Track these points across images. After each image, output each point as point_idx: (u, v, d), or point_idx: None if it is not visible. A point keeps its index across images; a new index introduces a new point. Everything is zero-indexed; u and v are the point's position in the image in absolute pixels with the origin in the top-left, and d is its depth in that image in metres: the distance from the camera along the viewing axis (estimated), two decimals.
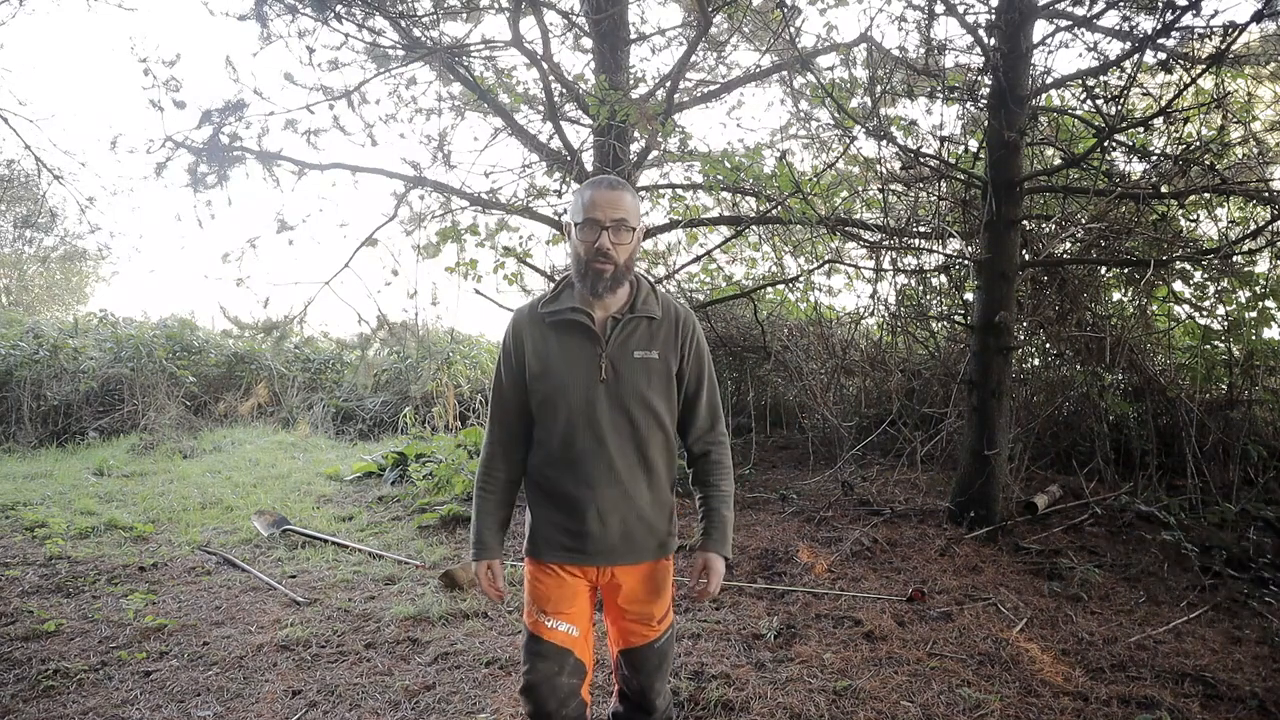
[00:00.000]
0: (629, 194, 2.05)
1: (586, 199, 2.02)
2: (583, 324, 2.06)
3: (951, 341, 7.20)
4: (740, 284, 7.96)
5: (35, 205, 15.25)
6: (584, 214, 2.00)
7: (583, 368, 2.04)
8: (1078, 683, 3.26)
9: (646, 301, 2.12)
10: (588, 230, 2.00)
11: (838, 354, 7.56)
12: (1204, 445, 5.60)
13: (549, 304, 2.12)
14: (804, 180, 6.17)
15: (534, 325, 2.11)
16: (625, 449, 2.06)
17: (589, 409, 2.04)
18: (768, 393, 8.37)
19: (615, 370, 2.05)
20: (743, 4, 5.98)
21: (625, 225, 2.01)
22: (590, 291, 2.03)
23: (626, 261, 2.04)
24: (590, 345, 2.06)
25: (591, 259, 2.00)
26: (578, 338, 2.06)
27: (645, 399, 2.06)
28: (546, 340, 2.08)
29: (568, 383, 2.04)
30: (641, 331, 2.09)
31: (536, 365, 2.08)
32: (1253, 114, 5.68)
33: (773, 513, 5.82)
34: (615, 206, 2.00)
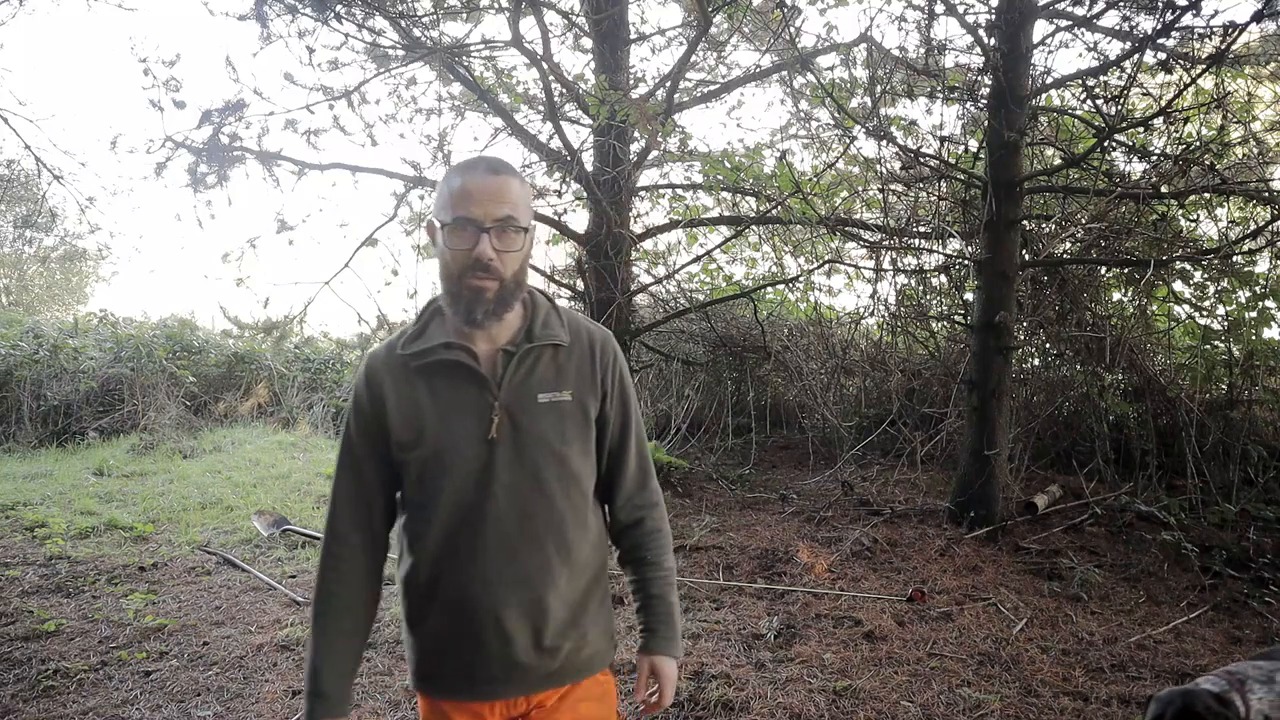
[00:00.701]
0: (515, 180, 1.49)
1: (456, 189, 1.46)
2: (463, 365, 1.50)
3: (951, 341, 7.20)
4: (740, 284, 7.96)
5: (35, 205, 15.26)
6: (453, 211, 1.45)
7: (468, 425, 1.49)
8: (1078, 683, 3.26)
9: (548, 324, 1.57)
10: (460, 234, 1.44)
11: (838, 354, 7.56)
12: (1204, 445, 5.60)
13: (413, 342, 1.54)
14: (804, 180, 6.17)
15: (395, 374, 1.53)
16: (535, 530, 1.50)
17: (481, 480, 1.49)
18: (768, 393, 8.37)
19: (513, 423, 1.50)
20: (743, 4, 5.98)
21: (513, 224, 1.46)
22: (467, 320, 1.48)
23: (516, 274, 1.49)
24: (476, 392, 1.50)
25: (467, 274, 1.45)
26: (458, 384, 1.51)
27: (559, 457, 1.52)
28: (414, 392, 1.51)
29: (448, 448, 1.48)
30: (545, 365, 1.55)
31: (403, 429, 1.50)
32: (1253, 114, 5.69)
33: (773, 513, 5.82)
34: (498, 199, 1.45)
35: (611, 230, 6.32)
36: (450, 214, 1.44)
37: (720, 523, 5.53)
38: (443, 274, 1.49)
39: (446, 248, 1.46)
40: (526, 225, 1.49)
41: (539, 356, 1.55)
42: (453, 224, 1.44)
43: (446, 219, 1.45)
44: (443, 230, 1.46)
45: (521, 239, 1.48)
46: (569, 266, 7.68)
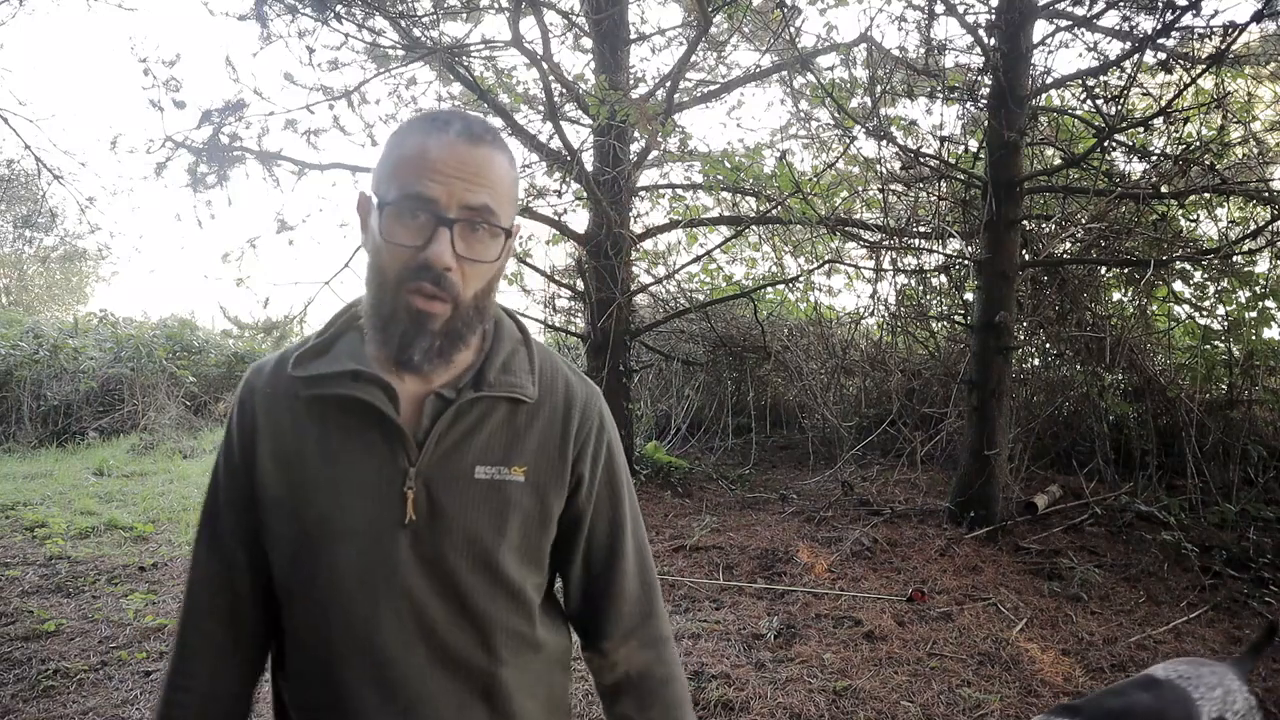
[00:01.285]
0: (502, 157, 1.03)
1: (412, 152, 0.99)
2: (373, 408, 1.03)
3: (951, 341, 7.20)
4: (740, 284, 7.96)
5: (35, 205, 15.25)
6: (402, 184, 0.98)
7: (367, 497, 1.03)
8: (1078, 683, 3.26)
9: (510, 367, 1.09)
10: (407, 221, 0.98)
11: (838, 354, 7.56)
12: (1204, 445, 5.61)
13: (311, 360, 1.08)
14: (804, 180, 6.18)
15: (278, 401, 1.08)
16: (452, 669, 1.05)
17: (375, 585, 1.02)
18: (768, 393, 8.37)
19: (432, 504, 1.03)
20: (743, 4, 5.98)
21: (488, 220, 1.00)
22: (398, 358, 1.01)
23: (480, 296, 1.03)
24: (386, 451, 1.03)
25: (406, 284, 0.99)
26: (362, 434, 1.04)
27: (490, 564, 1.05)
28: (299, 433, 1.05)
29: (333, 527, 1.02)
30: (495, 427, 1.07)
31: (275, 483, 1.05)
32: (1253, 114, 5.69)
33: (773, 513, 5.82)
34: (474, 178, 0.99)
35: (611, 230, 6.32)
36: (396, 188, 0.97)
37: (720, 523, 5.53)
38: (371, 277, 1.01)
39: (383, 239, 0.97)
40: (508, 226, 1.02)
41: (487, 413, 1.05)
42: (397, 204, 0.96)
43: (389, 195, 0.97)
44: (381, 212, 0.97)
45: (497, 246, 1.01)
46: (569, 266, 7.68)
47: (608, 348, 6.50)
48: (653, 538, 5.21)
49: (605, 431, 1.16)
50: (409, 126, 1.02)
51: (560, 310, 8.22)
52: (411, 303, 0.99)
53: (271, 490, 1.06)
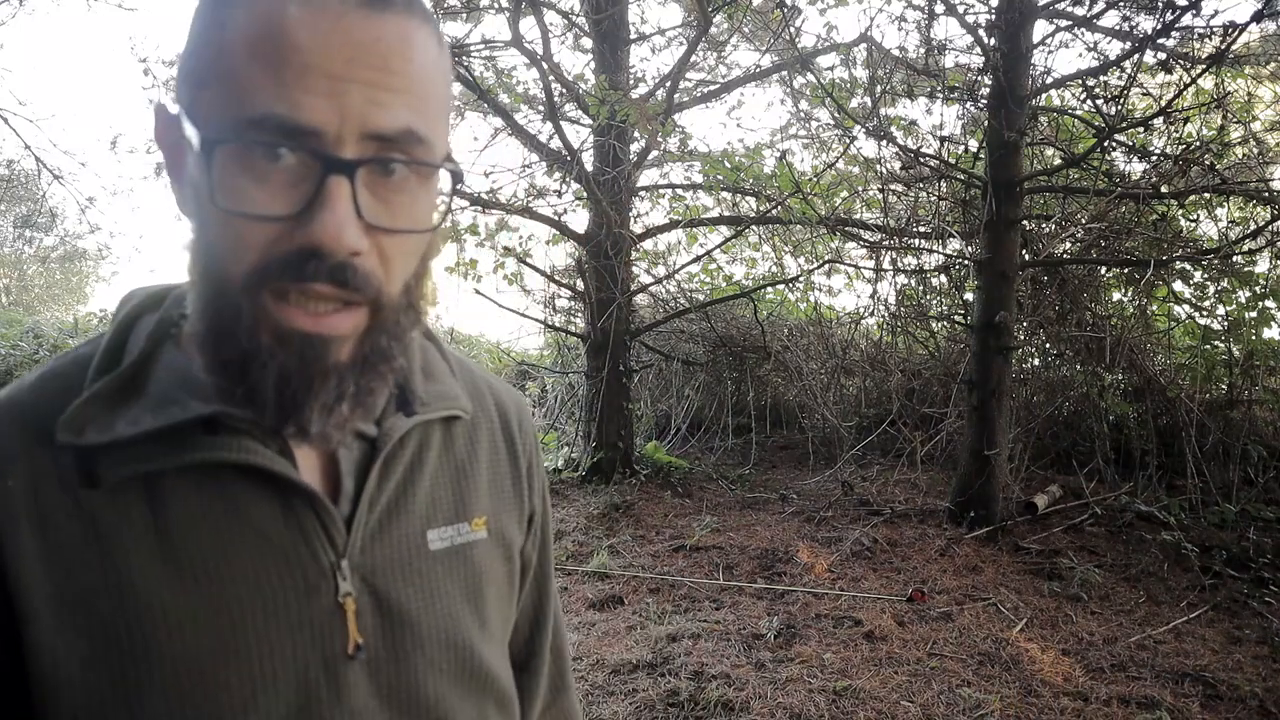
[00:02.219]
0: (422, 29, 0.57)
1: (258, 26, 0.52)
2: (259, 474, 0.60)
3: (951, 341, 7.20)
4: (740, 284, 7.97)
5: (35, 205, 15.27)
6: (245, 99, 0.52)
7: (280, 626, 0.60)
8: (1078, 683, 3.26)
9: (432, 370, 0.74)
10: (264, 170, 0.53)
11: (838, 354, 7.56)
12: (1204, 445, 5.61)
13: (109, 411, 0.59)
14: (804, 180, 6.18)
15: (49, 502, 0.57)
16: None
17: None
18: (768, 393, 8.37)
19: (386, 609, 0.64)
20: (743, 4, 5.98)
21: (413, 149, 0.56)
22: (276, 422, 0.57)
23: (411, 289, 0.62)
24: (292, 540, 0.61)
25: (273, 288, 0.55)
26: (244, 520, 0.60)
27: (483, 673, 0.70)
28: (114, 549, 0.57)
29: (233, 698, 0.58)
30: (435, 468, 0.71)
31: (75, 654, 0.56)
32: (1253, 114, 5.69)
33: (773, 513, 5.82)
34: (384, 73, 0.54)
35: (611, 230, 6.32)
36: (233, 106, 0.53)
37: (720, 523, 5.53)
38: (199, 267, 0.58)
39: (218, 205, 0.54)
40: (444, 157, 0.61)
41: (422, 447, 0.70)
42: (240, 139, 0.53)
43: (221, 121, 0.54)
44: (207, 154, 0.53)
45: (430, 197, 0.60)
46: (569, 266, 7.68)
47: (608, 348, 6.50)
48: (653, 538, 5.22)
49: (538, 444, 0.84)
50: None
51: (560, 310, 8.22)
52: (288, 322, 0.55)
53: (85, 688, 0.56)
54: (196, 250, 0.57)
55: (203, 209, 0.55)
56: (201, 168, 0.54)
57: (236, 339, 0.55)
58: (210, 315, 0.56)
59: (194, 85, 0.56)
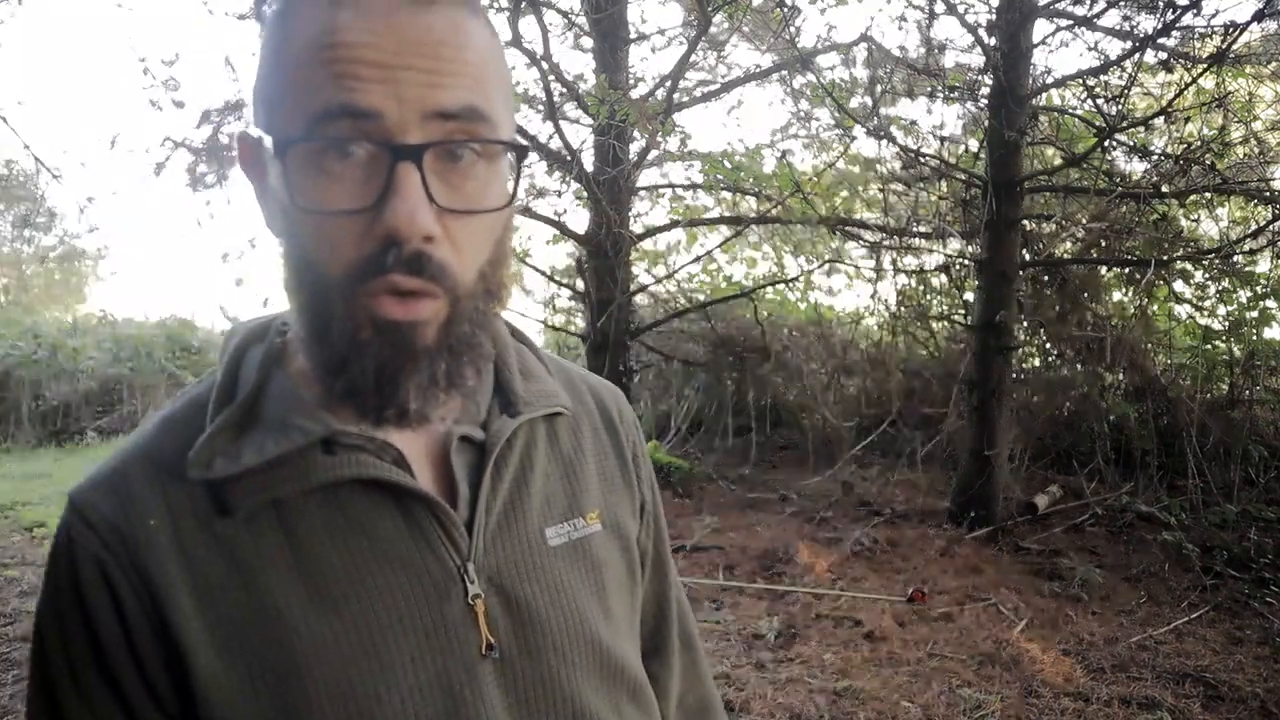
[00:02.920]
0: (474, 16, 0.59)
1: (313, 33, 0.55)
2: (381, 487, 0.62)
3: (951, 341, 7.20)
4: (740, 284, 7.96)
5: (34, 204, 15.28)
6: (311, 100, 0.55)
7: (415, 636, 0.61)
8: (1078, 683, 3.25)
9: (530, 370, 0.74)
10: (337, 169, 0.55)
11: (838, 354, 7.56)
12: (1205, 445, 5.60)
13: (229, 443, 0.61)
14: (804, 180, 6.17)
15: (189, 540, 0.60)
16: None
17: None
18: (768, 393, 8.36)
19: (515, 609, 0.65)
20: (743, 4, 5.98)
21: (478, 128, 0.57)
22: (379, 406, 0.59)
23: (488, 272, 0.61)
24: (418, 550, 0.63)
25: (364, 284, 0.56)
26: (371, 535, 0.62)
27: (616, 667, 0.70)
28: (256, 578, 0.59)
29: (384, 709, 0.60)
30: (544, 465, 0.72)
31: (239, 690, 0.58)
32: (1253, 114, 5.68)
33: (773, 513, 5.81)
34: (439, 55, 0.55)
35: (611, 230, 6.31)
36: (302, 109, 0.55)
37: (720, 523, 5.52)
38: (295, 279, 0.60)
39: (300, 208, 0.56)
40: (510, 138, 0.61)
41: (529, 446, 0.71)
42: (311, 138, 0.55)
43: (293, 126, 0.56)
44: (284, 160, 0.56)
45: (499, 177, 0.61)
46: (569, 266, 7.68)
47: (608, 348, 6.50)
48: None
49: (643, 440, 0.84)
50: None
51: (560, 310, 8.22)
52: (383, 314, 0.56)
53: (245, 714, 0.58)
54: (290, 259, 0.60)
55: (288, 216, 0.58)
56: (280, 175, 0.56)
57: (338, 336, 0.58)
58: (311, 317, 0.59)
59: (268, 105, 0.59)
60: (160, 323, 12.56)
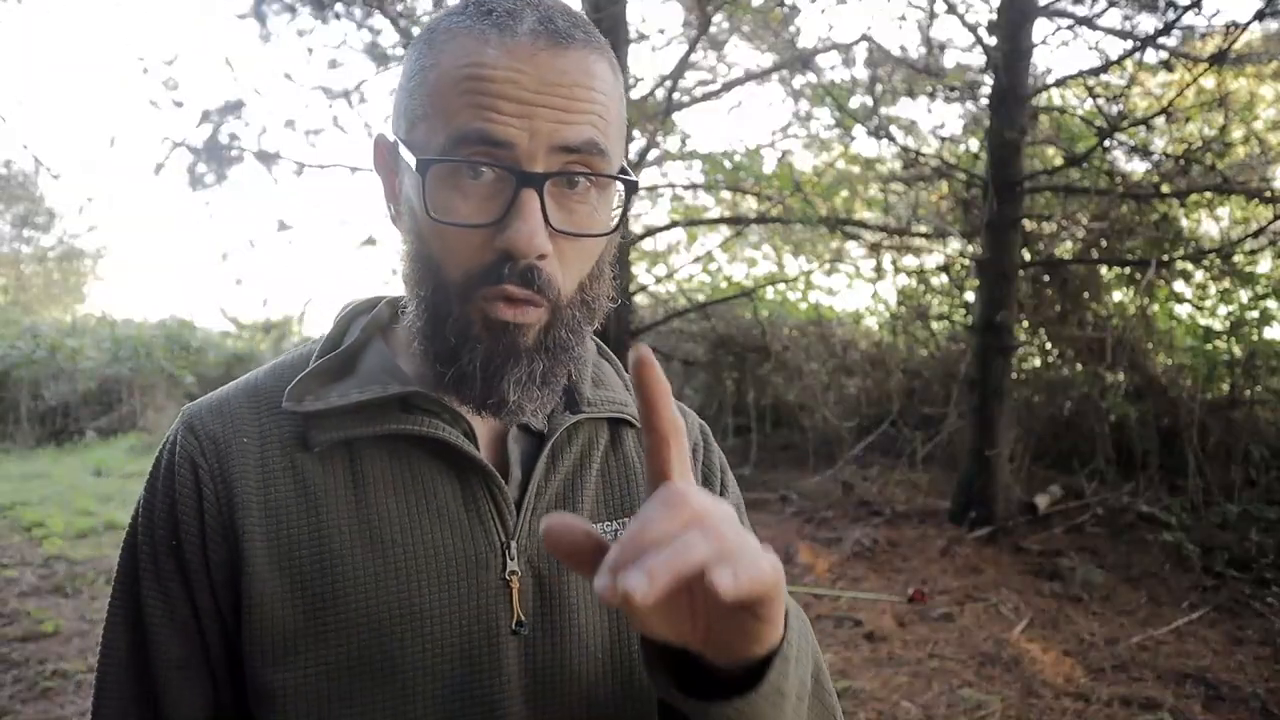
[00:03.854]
0: (601, 59, 0.65)
1: (461, 63, 0.62)
2: (445, 449, 0.68)
3: (951, 341, 7.19)
4: (740, 284, 7.96)
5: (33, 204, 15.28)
6: (452, 123, 0.61)
7: (452, 595, 0.66)
8: (1079, 683, 3.25)
9: (603, 380, 0.80)
10: (469, 186, 0.62)
11: (838, 354, 7.55)
12: (1206, 445, 5.59)
13: (322, 385, 0.70)
14: (804, 180, 6.17)
15: (271, 459, 0.68)
16: None
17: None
18: (768, 393, 8.36)
19: (547, 593, 0.69)
20: (743, 4, 5.97)
21: (595, 163, 0.63)
22: (483, 394, 0.65)
23: (586, 288, 0.68)
24: (468, 518, 0.68)
25: (482, 289, 0.63)
26: (429, 492, 0.68)
27: (631, 658, 0.71)
28: (322, 507, 0.67)
29: (410, 656, 0.65)
30: (603, 464, 0.76)
31: (289, 606, 0.65)
32: (1254, 113, 5.68)
33: (773, 513, 5.81)
34: (570, 97, 0.62)
35: None
36: (442, 129, 0.61)
37: None
38: (416, 274, 0.66)
39: (433, 217, 0.62)
40: (622, 170, 0.66)
41: (590, 445, 0.75)
42: (448, 155, 0.61)
43: (432, 142, 0.62)
44: (423, 173, 0.61)
45: (609, 207, 0.67)
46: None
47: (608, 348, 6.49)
48: None
49: (728, 470, 0.86)
50: (449, 21, 0.64)
51: None
52: (495, 314, 0.62)
53: (282, 621, 0.64)
54: (414, 259, 0.67)
55: (418, 223, 0.65)
56: (416, 186, 0.63)
57: (451, 330, 0.64)
58: (430, 312, 0.66)
59: (410, 119, 0.65)
60: (160, 323, 12.55)
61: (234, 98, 6.19)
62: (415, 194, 0.64)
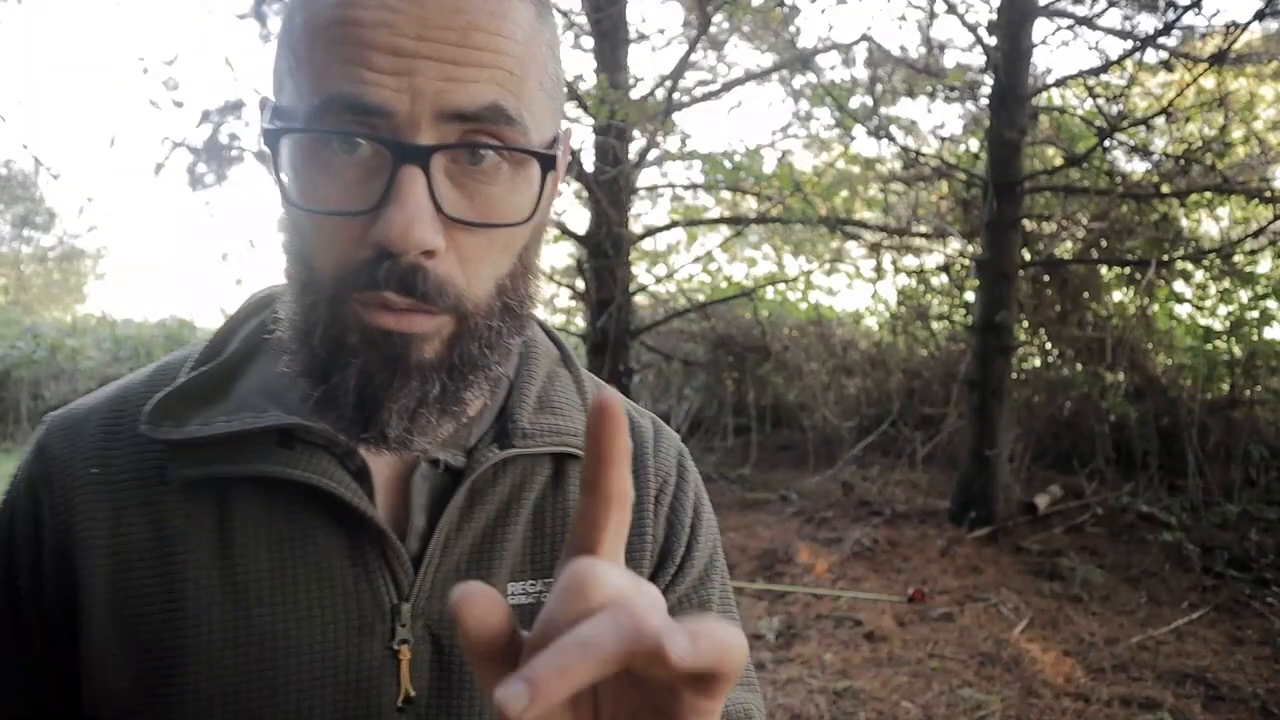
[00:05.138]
0: (521, 2, 0.50)
1: (338, 8, 0.47)
2: (327, 500, 0.55)
3: (951, 341, 7.19)
4: (740, 284, 7.96)
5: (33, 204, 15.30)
6: (317, 82, 0.48)
7: (328, 665, 0.55)
8: (1079, 683, 3.25)
9: (551, 401, 0.65)
10: (338, 163, 0.49)
11: (838, 354, 7.55)
12: (1205, 445, 5.60)
13: (190, 408, 0.57)
14: (804, 180, 6.17)
15: (122, 493, 0.57)
16: None
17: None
18: (768, 393, 8.36)
19: (445, 666, 0.58)
20: (743, 4, 5.97)
21: (502, 131, 0.49)
22: (352, 423, 0.52)
23: (507, 289, 0.54)
24: (354, 577, 0.56)
25: (354, 290, 0.50)
26: (307, 546, 0.56)
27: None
28: (176, 554, 0.55)
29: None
30: (535, 510, 0.62)
31: (123, 663, 0.54)
32: (1254, 113, 5.68)
33: (773, 513, 5.81)
34: (464, 44, 0.47)
35: (611, 230, 6.31)
36: (307, 89, 0.49)
37: (720, 523, 5.47)
38: (289, 269, 0.55)
39: (291, 201, 0.52)
40: (549, 142, 0.55)
41: (521, 487, 0.62)
42: (311, 125, 0.49)
43: (301, 108, 0.49)
44: (273, 148, 0.51)
45: (529, 186, 0.52)
46: (569, 266, 7.68)
47: (608, 348, 6.49)
48: None
49: (704, 503, 0.76)
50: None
51: (560, 310, 8.21)
52: (374, 322, 0.50)
53: (117, 691, 0.55)
54: (287, 252, 0.55)
55: (286, 208, 0.53)
56: (269, 162, 0.51)
57: (321, 340, 0.52)
58: (298, 318, 0.53)
59: (278, 78, 0.53)
60: (160, 323, 12.56)
61: (234, 98, 6.20)
62: (273, 171, 0.52)
